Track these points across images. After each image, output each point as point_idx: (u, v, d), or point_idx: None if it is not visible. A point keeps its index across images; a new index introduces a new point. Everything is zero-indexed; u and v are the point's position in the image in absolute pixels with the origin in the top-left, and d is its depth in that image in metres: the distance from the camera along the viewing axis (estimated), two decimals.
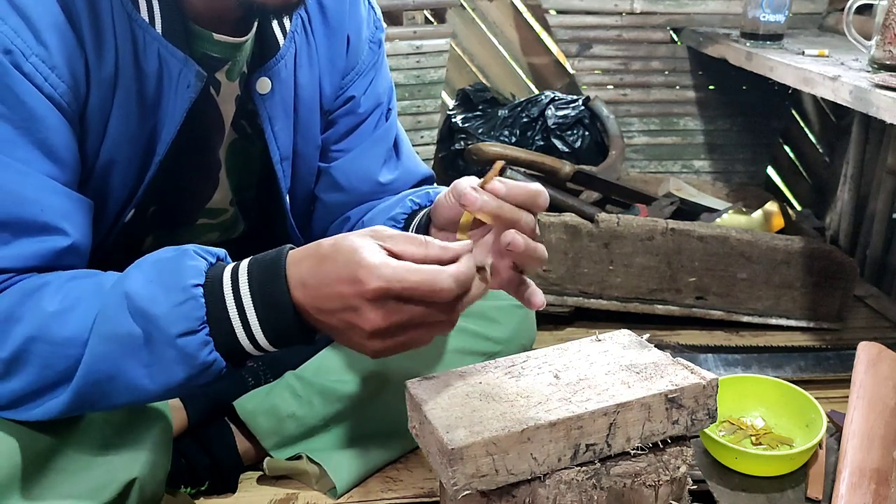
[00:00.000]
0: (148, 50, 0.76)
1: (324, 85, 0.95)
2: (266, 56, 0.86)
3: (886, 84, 1.13)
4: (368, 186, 1.01)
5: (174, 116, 0.79)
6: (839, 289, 1.40)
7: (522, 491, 0.64)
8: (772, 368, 1.24)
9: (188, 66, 0.77)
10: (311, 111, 0.94)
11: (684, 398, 0.68)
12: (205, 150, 0.89)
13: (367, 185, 1.01)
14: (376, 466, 1.00)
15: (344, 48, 0.95)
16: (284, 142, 0.91)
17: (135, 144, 0.79)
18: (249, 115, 0.90)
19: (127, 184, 0.81)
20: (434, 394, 0.68)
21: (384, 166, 1.02)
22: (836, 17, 1.79)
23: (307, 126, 0.94)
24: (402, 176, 1.03)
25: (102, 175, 0.78)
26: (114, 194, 0.80)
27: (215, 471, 0.95)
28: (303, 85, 0.92)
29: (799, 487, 0.95)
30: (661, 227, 1.37)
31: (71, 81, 0.71)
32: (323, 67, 0.94)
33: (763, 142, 2.00)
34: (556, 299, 1.41)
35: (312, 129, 0.96)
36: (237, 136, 0.91)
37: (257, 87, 0.85)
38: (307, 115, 0.94)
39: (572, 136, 1.81)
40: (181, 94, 0.78)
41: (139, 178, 0.81)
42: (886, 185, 1.69)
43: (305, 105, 0.93)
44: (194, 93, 0.78)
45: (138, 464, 0.75)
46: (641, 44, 1.89)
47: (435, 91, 1.78)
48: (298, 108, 0.92)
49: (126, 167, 0.80)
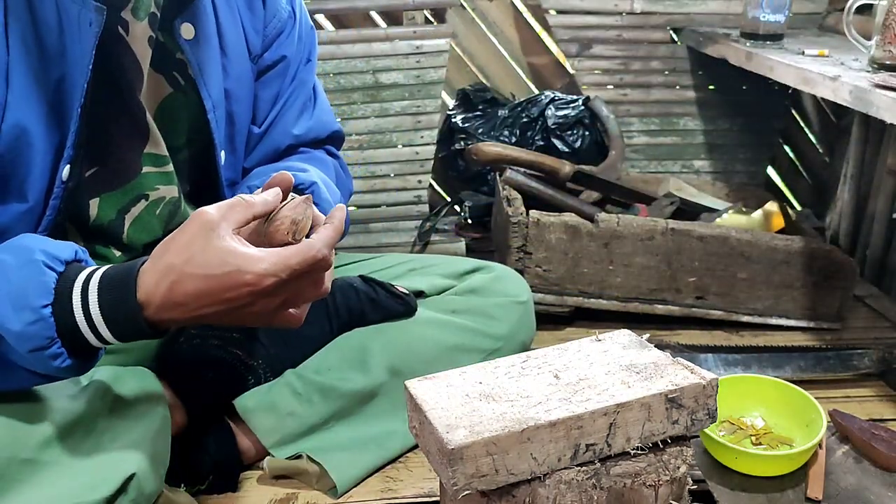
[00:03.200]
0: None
1: (247, 31, 0.97)
2: (184, 4, 0.85)
3: (886, 84, 1.13)
4: (284, 139, 1.04)
5: (83, 58, 0.76)
6: (839, 289, 1.40)
7: (522, 491, 0.64)
8: (772, 368, 1.24)
9: (86, 4, 0.75)
10: (239, 53, 0.96)
11: (684, 398, 0.68)
12: (125, 94, 0.85)
13: (284, 137, 1.04)
14: (376, 466, 1.00)
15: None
16: (216, 88, 0.91)
17: (45, 96, 0.77)
18: (179, 65, 0.88)
19: (50, 138, 0.78)
20: (434, 394, 0.68)
21: (300, 117, 1.05)
22: (836, 17, 1.79)
23: (237, 67, 0.95)
24: (316, 127, 1.07)
25: (16, 132, 0.76)
26: (38, 151, 0.78)
27: (215, 469, 0.95)
28: (226, 27, 0.93)
29: (799, 487, 0.95)
30: (661, 227, 1.37)
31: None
32: (242, 12, 0.96)
33: (763, 142, 1.99)
34: (556, 299, 1.41)
35: (243, 71, 0.97)
36: (172, 91, 0.90)
37: (182, 33, 0.85)
38: (236, 58, 0.95)
39: (572, 136, 1.81)
40: (84, 33, 0.75)
41: (63, 129, 0.79)
42: (886, 185, 1.69)
43: (232, 48, 0.94)
44: (98, 28, 0.75)
45: (137, 459, 0.75)
46: (641, 44, 1.89)
47: (435, 91, 1.78)
48: (226, 50, 0.93)
49: (44, 121, 0.77)
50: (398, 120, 1.78)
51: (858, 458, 1.00)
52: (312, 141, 1.07)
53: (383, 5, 1.77)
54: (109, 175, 0.87)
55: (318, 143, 1.09)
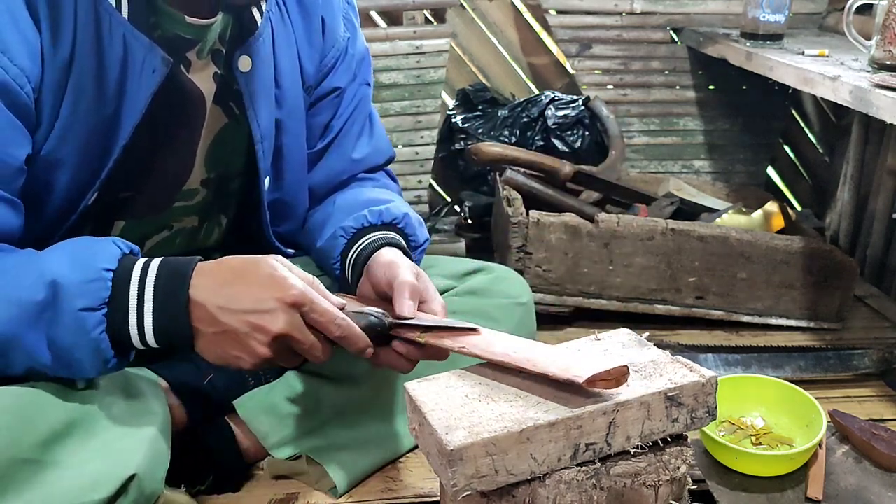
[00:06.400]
0: (114, 34, 0.77)
1: (304, 63, 0.99)
2: (245, 37, 0.88)
3: (886, 84, 1.13)
4: (343, 164, 1.07)
5: (138, 101, 0.79)
6: (839, 289, 1.40)
7: (522, 491, 0.64)
8: (772, 368, 1.24)
9: (153, 51, 0.78)
10: (293, 85, 0.98)
11: (683, 396, 0.68)
12: (182, 130, 0.89)
13: (343, 162, 1.07)
14: (376, 466, 1.00)
15: (320, 29, 1.00)
16: (266, 120, 0.94)
17: (92, 128, 0.79)
18: (236, 95, 0.91)
19: (84, 169, 0.81)
20: (434, 394, 0.69)
21: (358, 140, 1.07)
22: (836, 17, 1.79)
23: (290, 99, 0.98)
24: (374, 153, 1.09)
25: (53, 159, 0.78)
26: (71, 178, 0.81)
27: (215, 470, 0.95)
28: (282, 61, 0.95)
29: (799, 487, 0.95)
30: (661, 227, 1.37)
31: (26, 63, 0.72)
32: (301, 47, 0.98)
33: (763, 142, 1.99)
34: (556, 299, 1.41)
35: (296, 102, 0.99)
36: (228, 121, 0.93)
37: (239, 66, 0.88)
38: (290, 89, 0.97)
39: (572, 136, 1.81)
40: (146, 79, 0.79)
41: (101, 162, 0.81)
42: (886, 184, 1.69)
43: (287, 80, 0.96)
44: (160, 77, 0.79)
45: (137, 459, 0.75)
46: (641, 44, 1.89)
47: (435, 91, 1.78)
48: (280, 82, 0.96)
49: (83, 152, 0.80)
50: (398, 120, 1.78)
51: (858, 458, 1.00)
52: (370, 166, 1.10)
53: (383, 5, 1.77)
54: (142, 205, 0.91)
55: (376, 169, 1.12)
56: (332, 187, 1.07)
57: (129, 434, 0.78)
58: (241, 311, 0.72)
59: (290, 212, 1.05)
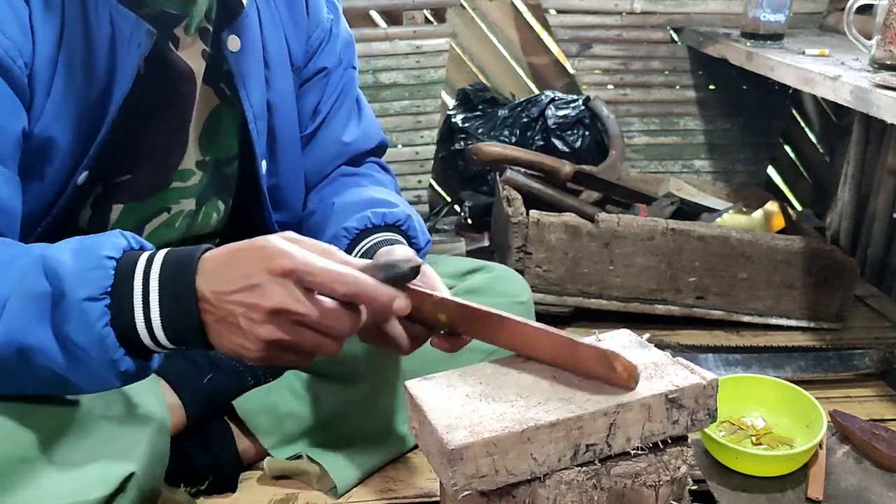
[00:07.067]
0: (100, 13, 0.77)
1: (291, 42, 0.99)
2: (231, 17, 0.88)
3: (887, 84, 1.13)
4: (334, 148, 1.07)
5: (125, 76, 0.79)
6: (839, 289, 1.40)
7: (522, 491, 0.64)
8: (772, 368, 1.24)
9: (139, 25, 0.78)
10: (281, 66, 0.98)
11: (684, 398, 0.67)
12: (173, 109, 0.88)
13: (333, 145, 1.07)
14: (376, 466, 1.00)
15: (304, 8, 1.00)
16: (258, 99, 0.93)
17: (82, 109, 0.79)
18: (226, 76, 0.91)
19: (77, 147, 0.80)
20: (434, 394, 0.68)
21: (347, 125, 1.08)
22: (836, 17, 1.79)
23: (279, 80, 0.98)
24: (363, 137, 1.10)
25: (44, 137, 0.77)
26: (61, 155, 0.79)
27: (215, 470, 0.95)
28: (270, 41, 0.95)
29: (799, 487, 0.95)
30: (661, 227, 1.37)
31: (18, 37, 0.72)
32: (287, 27, 0.98)
33: (763, 142, 1.99)
34: (556, 299, 1.41)
35: (286, 83, 0.99)
36: (220, 102, 0.93)
37: (229, 45, 0.88)
38: (278, 69, 0.97)
39: (572, 136, 1.81)
40: (132, 52, 0.79)
41: (89, 139, 0.80)
42: (887, 184, 1.69)
43: (275, 60, 0.96)
44: (144, 50, 0.79)
45: (136, 459, 0.75)
46: (641, 44, 1.89)
47: (435, 91, 1.78)
48: (270, 63, 0.96)
49: (74, 132, 0.79)
50: (398, 120, 1.78)
51: (859, 458, 1.00)
52: (361, 150, 1.11)
53: (383, 5, 1.77)
54: (139, 185, 0.90)
55: (366, 153, 1.12)
56: (325, 174, 1.08)
57: (127, 433, 0.78)
58: (232, 292, 0.66)
59: (287, 199, 1.04)
